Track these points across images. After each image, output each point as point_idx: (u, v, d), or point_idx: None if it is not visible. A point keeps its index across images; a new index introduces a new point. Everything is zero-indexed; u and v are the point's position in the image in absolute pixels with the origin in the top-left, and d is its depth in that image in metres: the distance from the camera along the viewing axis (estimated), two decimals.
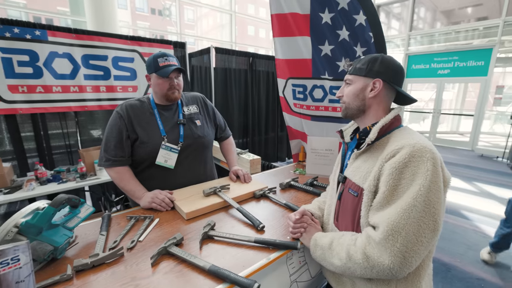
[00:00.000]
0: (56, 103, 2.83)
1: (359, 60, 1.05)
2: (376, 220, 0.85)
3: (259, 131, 5.01)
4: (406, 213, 0.78)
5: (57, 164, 3.04)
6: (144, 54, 3.30)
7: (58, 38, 2.73)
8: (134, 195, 1.48)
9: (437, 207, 0.79)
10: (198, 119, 1.70)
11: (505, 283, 2.38)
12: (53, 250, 0.95)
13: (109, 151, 1.48)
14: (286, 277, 1.11)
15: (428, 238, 0.79)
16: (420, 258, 0.80)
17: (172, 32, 8.73)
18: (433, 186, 0.79)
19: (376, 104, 1.01)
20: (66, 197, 1.01)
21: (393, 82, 0.99)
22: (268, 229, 1.25)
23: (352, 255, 0.88)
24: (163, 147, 1.53)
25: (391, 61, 1.00)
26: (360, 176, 0.95)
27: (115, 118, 1.50)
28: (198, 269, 0.95)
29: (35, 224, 0.91)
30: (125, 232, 1.19)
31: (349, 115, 1.09)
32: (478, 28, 7.94)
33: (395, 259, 0.78)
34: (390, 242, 0.79)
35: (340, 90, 1.12)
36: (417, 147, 0.82)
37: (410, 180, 0.81)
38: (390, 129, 0.97)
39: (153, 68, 1.50)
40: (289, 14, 2.09)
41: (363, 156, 0.99)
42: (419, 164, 0.81)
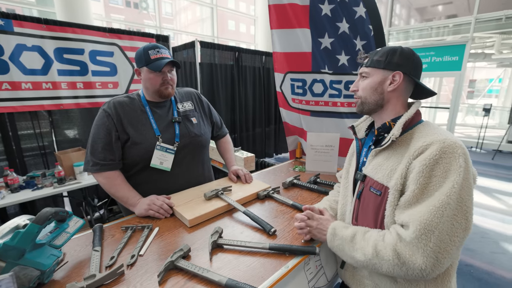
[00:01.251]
0: (26, 101, 2.55)
1: (375, 52, 0.99)
2: (406, 219, 0.80)
3: (246, 127, 4.93)
4: (440, 211, 0.74)
5: (29, 168, 2.76)
6: (124, 47, 3.07)
7: (26, 29, 2.45)
8: (128, 202, 1.33)
9: (469, 205, 0.76)
10: (194, 117, 1.57)
11: (491, 267, 2.45)
12: (40, 274, 0.79)
13: (97, 154, 1.32)
14: (304, 284, 1.04)
15: (461, 238, 0.75)
16: (451, 258, 0.76)
17: (149, 25, 8.38)
18: (465, 183, 0.75)
19: (395, 98, 0.96)
20: (53, 211, 0.84)
21: (413, 74, 0.94)
22: (279, 232, 1.16)
23: (380, 251, 0.83)
24: (158, 148, 1.39)
25: (411, 53, 0.95)
26: (383, 174, 0.90)
27: (102, 117, 1.34)
28: (213, 284, 0.85)
29: (16, 245, 0.74)
30: (122, 246, 1.05)
31: (365, 111, 1.02)
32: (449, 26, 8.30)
33: (428, 260, 0.74)
34: (423, 241, 0.75)
35: (354, 83, 1.05)
36: (447, 143, 0.78)
37: (442, 177, 0.77)
38: (412, 124, 0.93)
39: (143, 61, 1.36)
40: (288, 4, 1.99)
41: (385, 153, 0.94)
42: (451, 160, 0.77)
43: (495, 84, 11.67)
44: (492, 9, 7.29)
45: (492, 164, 5.77)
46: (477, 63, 10.77)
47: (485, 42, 8.87)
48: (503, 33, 7.85)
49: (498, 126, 9.36)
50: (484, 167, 5.58)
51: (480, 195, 4.09)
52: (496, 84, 11.60)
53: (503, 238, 2.92)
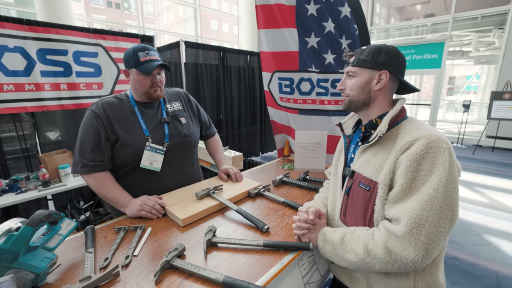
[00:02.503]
0: (8, 103, 2.47)
1: (361, 51, 1.01)
2: (397, 213, 0.82)
3: (232, 126, 4.94)
4: (429, 205, 0.77)
5: (12, 171, 2.68)
6: (109, 48, 3.02)
7: (6, 30, 2.37)
8: (119, 203, 1.32)
9: (454, 197, 0.79)
10: (182, 117, 1.57)
11: (475, 259, 2.53)
12: (34, 278, 0.78)
13: (86, 155, 1.30)
14: (299, 279, 1.06)
15: (447, 228, 0.79)
16: (439, 248, 0.80)
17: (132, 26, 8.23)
18: (450, 176, 0.78)
19: (381, 96, 0.99)
20: (46, 213, 0.84)
21: (398, 73, 0.97)
22: (272, 230, 1.18)
23: (371, 250, 0.85)
24: (148, 149, 1.38)
25: (395, 52, 0.97)
26: (372, 170, 0.92)
27: (90, 118, 1.32)
28: (210, 283, 0.86)
29: (10, 249, 0.74)
30: (115, 247, 1.05)
31: (352, 108, 1.05)
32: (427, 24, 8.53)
33: (419, 252, 0.77)
34: (414, 235, 0.78)
35: (341, 82, 1.07)
36: (432, 138, 0.81)
37: (429, 171, 0.80)
38: (398, 120, 0.96)
39: (132, 63, 1.34)
40: (275, 5, 2.02)
41: (372, 149, 0.96)
42: (436, 155, 0.80)
43: (473, 81, 12.05)
44: (468, 8, 7.52)
45: (473, 159, 5.94)
46: (455, 60, 11.12)
47: (463, 40, 9.17)
48: (479, 31, 8.11)
49: (477, 121, 9.65)
50: (465, 161, 5.73)
51: (461, 189, 4.20)
52: (474, 81, 11.98)
53: (485, 230, 3.01)
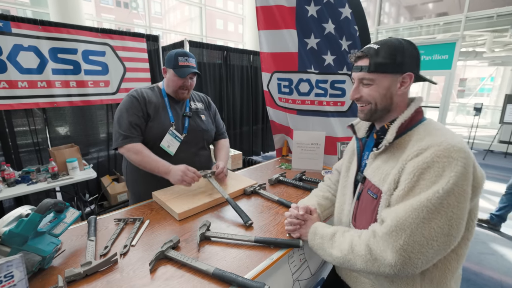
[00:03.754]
0: (22, 99, 2.61)
1: (375, 52, 0.88)
2: (384, 215, 0.81)
3: (234, 125, 4.98)
4: (416, 212, 0.73)
5: (24, 163, 2.82)
6: (116, 47, 3.12)
7: (23, 30, 2.51)
8: (160, 171, 1.46)
9: (456, 211, 0.72)
10: (203, 114, 1.76)
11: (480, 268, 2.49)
12: (41, 260, 0.87)
13: (124, 128, 1.48)
14: (288, 276, 1.10)
15: (440, 243, 0.72)
16: (429, 261, 0.75)
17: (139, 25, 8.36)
18: (456, 189, 0.71)
19: (402, 100, 0.91)
20: (53, 201, 0.92)
21: (418, 70, 0.89)
22: (265, 227, 1.23)
23: (355, 247, 0.85)
24: (170, 133, 1.57)
25: (415, 48, 0.88)
26: (379, 178, 0.89)
27: (130, 101, 1.52)
28: (200, 273, 0.92)
29: (20, 233, 0.82)
30: (115, 237, 1.13)
31: (373, 118, 0.97)
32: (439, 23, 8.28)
33: (398, 257, 0.74)
34: (393, 237, 0.75)
35: (354, 90, 0.95)
36: (443, 147, 0.74)
37: (431, 182, 0.74)
38: (411, 124, 0.88)
39: (172, 64, 1.54)
40: (275, 6, 2.05)
41: (383, 156, 0.91)
42: (445, 165, 0.73)
43: (487, 83, 11.65)
44: (483, 7, 7.25)
45: (483, 164, 5.74)
46: (468, 61, 10.85)
47: (476, 40, 8.91)
48: (494, 31, 7.84)
49: (490, 125, 9.37)
50: None
51: None
52: (488, 83, 11.59)
53: (492, 239, 2.93)
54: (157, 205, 1.44)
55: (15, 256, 0.61)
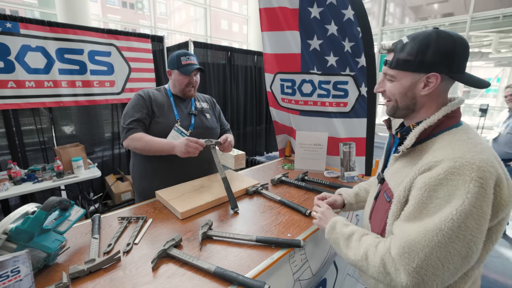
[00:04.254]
0: (29, 98, 2.65)
1: (402, 46, 0.81)
2: (396, 231, 0.78)
3: (237, 125, 4.99)
4: (429, 235, 0.69)
5: (30, 162, 2.87)
6: (121, 48, 3.16)
7: (30, 31, 2.56)
8: (165, 149, 1.51)
9: (476, 234, 0.67)
10: (208, 113, 1.82)
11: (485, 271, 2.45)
12: (46, 257, 0.89)
13: (128, 123, 1.54)
14: (289, 276, 1.11)
15: (457, 265, 0.68)
16: (444, 283, 0.71)
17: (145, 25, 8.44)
18: (474, 210, 0.66)
19: (431, 100, 0.83)
20: (58, 199, 0.94)
21: (454, 71, 0.78)
22: (267, 226, 1.24)
23: (369, 256, 0.82)
24: (175, 129, 1.62)
25: (450, 44, 0.76)
26: (396, 182, 0.85)
27: (137, 99, 1.61)
28: (202, 272, 0.93)
29: (26, 229, 0.84)
30: (118, 235, 1.14)
31: (397, 116, 0.91)
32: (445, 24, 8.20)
33: (411, 279, 0.71)
34: (405, 260, 0.71)
35: (379, 83, 0.92)
36: (459, 163, 0.68)
37: (445, 200, 0.69)
38: (439, 130, 0.80)
39: (175, 65, 1.63)
40: (278, 8, 2.07)
41: (404, 159, 0.87)
42: (458, 183, 0.67)
43: (493, 84, 11.59)
44: (489, 7, 7.16)
45: None
46: (473, 62, 10.78)
47: (482, 41, 8.85)
48: (500, 31, 7.76)
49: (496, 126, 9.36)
50: None
51: None
52: (495, 84, 11.52)
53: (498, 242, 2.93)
54: (160, 204, 1.46)
55: (22, 252, 0.63)
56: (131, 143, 1.54)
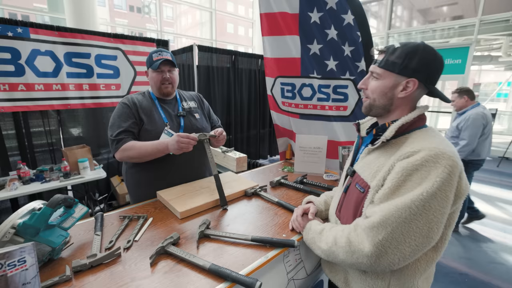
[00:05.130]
0: (38, 101, 2.76)
1: (393, 50, 0.90)
2: (370, 212, 0.85)
3: (241, 129, 5.03)
4: (399, 212, 0.77)
5: (39, 163, 2.96)
6: (127, 52, 3.25)
7: (40, 35, 2.67)
8: (159, 150, 1.49)
9: (438, 215, 0.76)
10: (196, 113, 1.78)
11: (488, 277, 2.46)
12: (51, 251, 0.94)
13: (116, 134, 1.50)
14: (283, 275, 1.14)
15: (418, 243, 0.77)
16: (406, 258, 0.79)
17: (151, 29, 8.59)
18: (439, 194, 0.75)
19: (404, 105, 0.93)
20: (63, 197, 1.00)
21: (430, 82, 0.89)
22: (263, 227, 1.27)
23: (337, 239, 0.91)
24: (165, 132, 1.59)
25: (432, 58, 0.86)
26: (369, 173, 0.92)
27: (121, 108, 1.57)
28: (198, 268, 0.97)
29: (33, 224, 0.90)
30: (120, 232, 1.19)
31: (373, 113, 1.00)
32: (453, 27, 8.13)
33: (374, 249, 0.80)
34: (373, 232, 0.80)
35: (364, 80, 0.99)
36: (434, 152, 0.77)
37: (417, 183, 0.77)
38: (411, 128, 0.90)
39: (149, 63, 1.61)
40: (278, 13, 2.10)
41: (376, 152, 0.95)
42: (431, 169, 0.76)
43: (504, 88, 11.38)
44: (498, 10, 7.09)
45: (497, 172, 5.62)
46: (483, 66, 10.62)
47: (492, 44, 8.74)
48: (510, 34, 7.67)
49: (506, 131, 9.10)
50: (488, 174, 5.43)
51: (481, 204, 4.01)
52: (505, 88, 11.32)
53: (503, 248, 2.89)
54: (161, 204, 1.50)
55: (28, 243, 0.68)
56: (123, 154, 1.50)
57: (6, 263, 0.64)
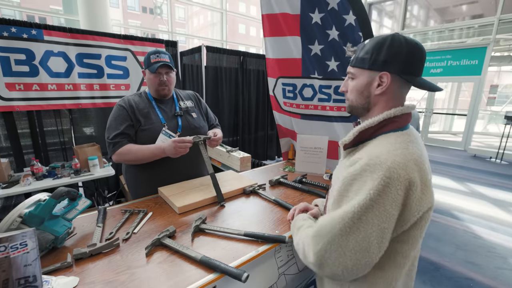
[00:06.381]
0: (51, 100, 2.87)
1: (362, 47, 0.87)
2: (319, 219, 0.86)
3: (249, 129, 5.04)
4: (334, 222, 0.76)
5: (51, 160, 3.08)
6: (136, 52, 3.34)
7: (53, 37, 2.78)
8: (156, 155, 1.54)
9: (375, 229, 0.72)
10: (193, 112, 1.81)
11: (494, 283, 2.42)
12: (54, 239, 1.01)
13: (112, 137, 1.54)
14: (274, 269, 1.17)
15: (359, 256, 0.73)
16: (349, 271, 0.75)
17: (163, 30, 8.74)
18: (376, 207, 0.71)
19: (384, 102, 0.86)
20: (66, 190, 1.07)
21: (406, 72, 0.81)
22: (257, 223, 1.32)
23: (299, 242, 0.91)
24: (163, 133, 1.62)
25: (401, 45, 0.80)
26: (336, 177, 0.92)
27: (118, 110, 1.59)
28: (190, 260, 1.02)
29: (38, 214, 0.97)
30: (120, 225, 1.26)
31: (354, 113, 0.96)
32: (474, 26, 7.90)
33: (315, 258, 0.78)
34: (314, 241, 0.79)
35: (344, 83, 0.96)
36: (372, 162, 0.74)
37: (355, 194, 0.75)
38: (378, 133, 0.84)
39: (146, 64, 1.62)
40: (280, 14, 2.13)
41: (347, 156, 0.93)
42: (367, 180, 0.73)
43: None
44: None
45: (509, 176, 5.49)
46: (502, 66, 10.29)
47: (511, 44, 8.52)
48: None
49: None
50: (501, 179, 5.32)
51: (492, 208, 3.95)
52: None
53: (511, 254, 2.84)
54: (162, 199, 1.56)
55: (29, 229, 0.74)
56: (120, 157, 1.54)
57: (9, 246, 0.71)
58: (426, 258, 2.75)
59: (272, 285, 1.16)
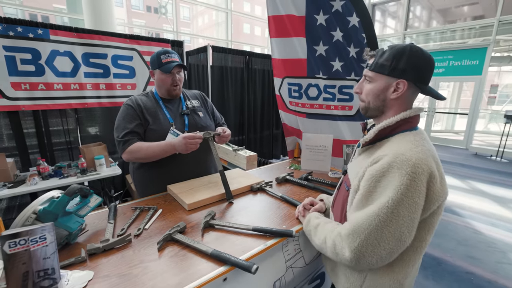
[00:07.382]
0: (57, 100, 2.90)
1: (382, 53, 0.93)
2: (349, 218, 0.93)
3: (254, 129, 5.06)
4: (369, 219, 0.82)
5: (57, 160, 3.11)
6: (142, 52, 3.37)
7: (59, 37, 2.80)
8: (167, 151, 1.54)
9: (407, 220, 0.80)
10: (200, 111, 1.83)
11: (494, 276, 2.47)
12: (68, 235, 1.03)
13: (122, 136, 1.55)
14: (282, 262, 1.20)
15: (392, 245, 0.82)
16: (383, 259, 0.84)
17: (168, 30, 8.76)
18: (406, 200, 0.79)
19: (398, 105, 0.94)
20: (79, 187, 1.09)
21: (420, 81, 0.90)
22: (265, 219, 1.34)
23: (326, 239, 0.98)
24: (171, 132, 1.63)
25: (419, 57, 0.88)
26: (354, 173, 0.97)
27: (126, 109, 1.60)
28: (201, 254, 1.04)
29: (52, 210, 0.99)
30: (131, 221, 1.28)
31: (369, 115, 1.03)
32: (475, 27, 7.97)
33: (353, 255, 0.85)
34: (350, 239, 0.86)
35: (358, 85, 1.03)
36: (400, 159, 0.81)
37: (384, 189, 0.82)
38: (395, 132, 0.92)
39: (156, 65, 1.62)
40: (286, 16, 2.16)
41: (363, 154, 1.00)
42: (395, 176, 0.80)
43: None
44: None
45: (511, 174, 5.60)
46: (502, 67, 10.33)
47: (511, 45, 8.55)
48: None
49: None
50: (502, 176, 5.43)
51: (492, 205, 4.05)
52: None
53: (511, 249, 2.89)
54: (171, 197, 1.58)
55: (48, 223, 0.77)
56: (130, 155, 1.55)
57: (29, 239, 0.73)
58: (429, 254, 2.81)
59: (280, 277, 1.18)
